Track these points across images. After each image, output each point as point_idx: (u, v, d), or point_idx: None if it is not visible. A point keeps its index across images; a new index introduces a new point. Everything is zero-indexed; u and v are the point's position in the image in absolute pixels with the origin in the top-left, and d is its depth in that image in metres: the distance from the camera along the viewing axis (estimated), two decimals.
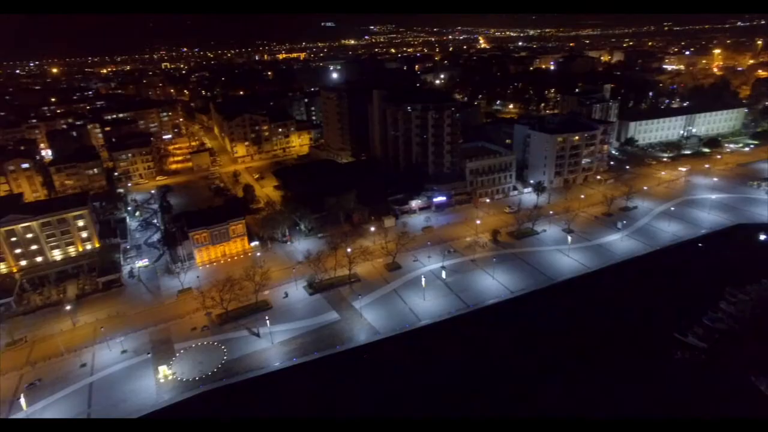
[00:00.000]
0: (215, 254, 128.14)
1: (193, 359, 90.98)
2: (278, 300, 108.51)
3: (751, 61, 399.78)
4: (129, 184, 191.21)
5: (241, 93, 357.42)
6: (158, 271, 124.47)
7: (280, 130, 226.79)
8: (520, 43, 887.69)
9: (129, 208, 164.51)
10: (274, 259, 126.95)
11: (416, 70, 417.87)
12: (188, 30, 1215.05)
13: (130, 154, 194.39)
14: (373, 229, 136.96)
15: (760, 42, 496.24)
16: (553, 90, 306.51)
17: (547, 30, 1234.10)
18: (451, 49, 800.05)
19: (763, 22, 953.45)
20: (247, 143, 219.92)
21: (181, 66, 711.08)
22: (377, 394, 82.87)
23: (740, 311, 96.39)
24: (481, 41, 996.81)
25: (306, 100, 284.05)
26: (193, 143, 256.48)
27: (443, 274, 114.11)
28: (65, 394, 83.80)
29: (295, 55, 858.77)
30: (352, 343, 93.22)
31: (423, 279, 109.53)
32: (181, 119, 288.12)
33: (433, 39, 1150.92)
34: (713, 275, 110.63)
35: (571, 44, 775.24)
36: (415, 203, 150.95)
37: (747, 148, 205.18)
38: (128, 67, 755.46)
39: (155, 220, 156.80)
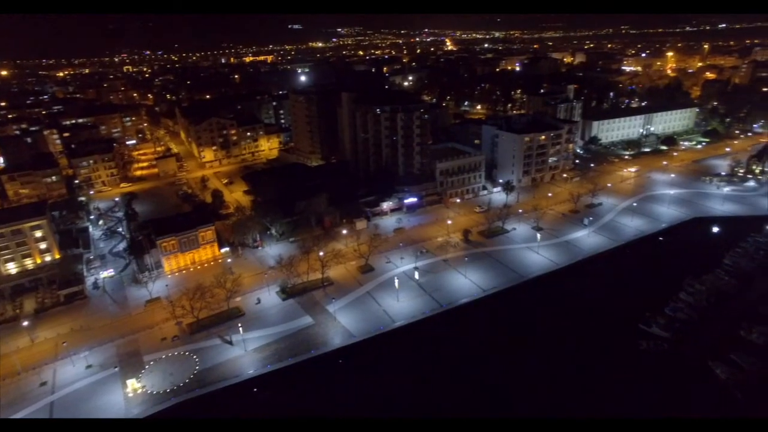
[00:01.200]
0: (184, 262, 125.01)
1: (164, 371, 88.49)
2: (251, 306, 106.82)
3: (700, 64, 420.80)
4: (91, 192, 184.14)
5: (208, 97, 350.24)
6: (124, 281, 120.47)
7: (248, 134, 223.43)
8: (486, 45, 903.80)
9: (92, 217, 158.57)
10: (245, 265, 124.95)
11: (384, 72, 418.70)
12: (151, 32, 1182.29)
13: (91, 161, 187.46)
14: (345, 231, 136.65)
15: (707, 46, 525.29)
16: (519, 90, 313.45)
17: (511, 32, 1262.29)
18: (418, 51, 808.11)
19: (708, 27, 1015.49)
20: (215, 148, 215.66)
21: (144, 69, 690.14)
22: (353, 396, 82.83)
23: (698, 301, 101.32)
24: (448, 43, 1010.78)
25: (274, 103, 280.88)
26: (159, 149, 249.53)
27: (416, 275, 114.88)
28: (22, 416, 79.50)
29: (262, 57, 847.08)
30: (327, 347, 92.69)
31: (396, 280, 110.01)
32: (145, 124, 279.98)
33: (400, 41, 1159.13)
34: (674, 267, 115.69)
35: (535, 46, 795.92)
36: (386, 205, 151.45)
37: (699, 146, 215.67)
38: (87, 71, 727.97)
39: (120, 229, 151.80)
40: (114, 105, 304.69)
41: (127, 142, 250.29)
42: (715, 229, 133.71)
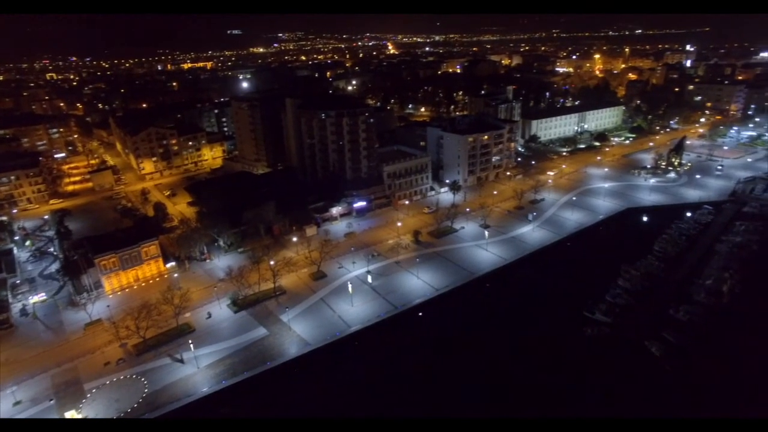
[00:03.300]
0: (127, 280, 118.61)
1: (108, 397, 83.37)
2: (201, 321, 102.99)
3: (623, 66, 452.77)
4: (14, 211, 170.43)
5: (145, 105, 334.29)
6: (59, 304, 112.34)
7: (190, 143, 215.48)
8: (426, 48, 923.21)
9: (16, 238, 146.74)
10: (193, 279, 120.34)
11: (328, 77, 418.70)
12: (76, 37, 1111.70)
13: (12, 177, 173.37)
14: (295, 239, 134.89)
15: (627, 49, 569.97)
16: (460, 92, 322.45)
17: (451, 35, 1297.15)
18: (361, 55, 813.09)
19: (627, 33, 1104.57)
20: (154, 159, 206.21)
21: (71, 77, 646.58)
22: (314, 404, 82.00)
23: (634, 286, 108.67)
24: (390, 47, 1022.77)
25: (216, 110, 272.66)
26: (93, 161, 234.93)
27: (369, 279, 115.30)
28: None
29: (201, 64, 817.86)
30: (283, 357, 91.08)
31: (349, 285, 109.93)
32: (75, 136, 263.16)
33: (342, 45, 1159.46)
34: (612, 255, 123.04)
35: (474, 49, 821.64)
36: (335, 210, 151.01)
37: (628, 141, 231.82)
38: (1, 77, 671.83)
39: (51, 249, 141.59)
40: (37, 115, 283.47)
41: (56, 156, 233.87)
42: (645, 218, 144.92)
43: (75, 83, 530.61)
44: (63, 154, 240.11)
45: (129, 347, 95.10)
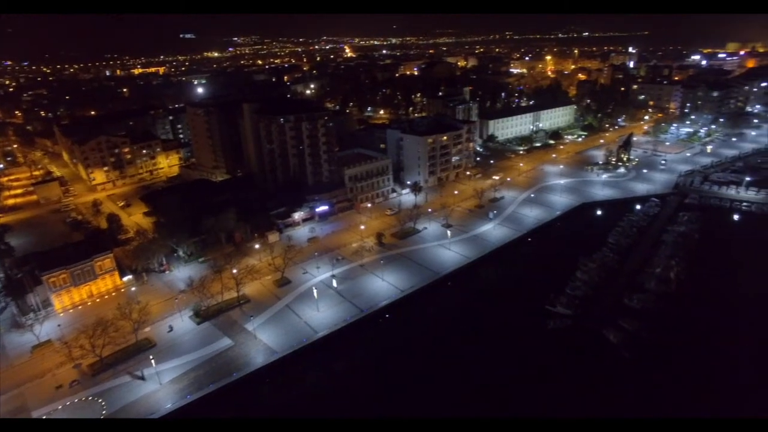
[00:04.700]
0: (80, 296, 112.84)
1: None
2: (162, 335, 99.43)
3: (573, 66, 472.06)
4: None
5: (93, 113, 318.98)
6: (1, 328, 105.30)
7: (144, 151, 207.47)
8: (384, 51, 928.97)
9: None
10: (152, 292, 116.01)
11: (285, 81, 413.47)
12: (10, 39, 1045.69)
13: None
14: (257, 246, 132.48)
15: (576, 51, 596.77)
16: (418, 94, 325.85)
17: (407, 38, 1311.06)
18: (318, 58, 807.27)
19: (575, 35, 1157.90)
20: (106, 168, 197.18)
21: (7, 82, 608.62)
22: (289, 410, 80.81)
23: (591, 277, 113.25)
24: (347, 50, 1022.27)
25: (171, 117, 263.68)
26: (37, 173, 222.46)
27: (334, 283, 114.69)
28: None
29: (153, 69, 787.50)
30: (249, 367, 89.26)
31: (315, 290, 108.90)
32: (15, 145, 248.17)
33: (299, 49, 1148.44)
34: (570, 249, 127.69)
35: (430, 51, 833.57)
36: (297, 215, 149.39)
37: (580, 139, 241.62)
38: None
39: None
40: None
41: None
42: (599, 212, 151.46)
43: (12, 89, 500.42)
44: (1, 166, 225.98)
45: (84, 367, 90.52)
